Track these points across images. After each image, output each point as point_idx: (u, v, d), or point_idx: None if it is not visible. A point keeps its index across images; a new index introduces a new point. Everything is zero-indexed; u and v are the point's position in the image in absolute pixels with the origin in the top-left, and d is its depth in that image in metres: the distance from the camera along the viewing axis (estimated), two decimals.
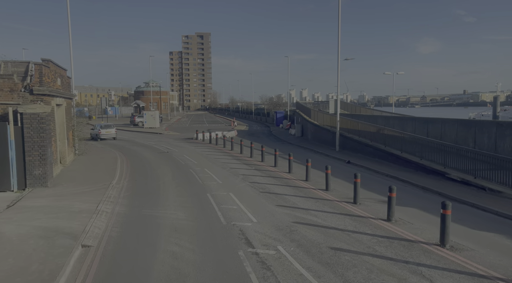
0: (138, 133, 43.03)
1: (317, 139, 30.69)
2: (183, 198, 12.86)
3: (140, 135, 40.84)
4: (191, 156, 23.24)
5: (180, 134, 41.73)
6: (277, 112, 57.15)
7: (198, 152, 25.38)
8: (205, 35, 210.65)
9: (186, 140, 34.00)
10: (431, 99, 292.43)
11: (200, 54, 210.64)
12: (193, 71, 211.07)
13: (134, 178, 16.48)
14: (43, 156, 13.63)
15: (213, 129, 48.50)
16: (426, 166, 16.04)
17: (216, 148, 28.25)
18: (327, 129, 28.18)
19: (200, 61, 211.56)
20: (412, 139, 17.61)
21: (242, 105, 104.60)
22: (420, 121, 21.72)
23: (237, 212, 11.04)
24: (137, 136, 39.54)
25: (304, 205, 11.76)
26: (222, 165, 19.90)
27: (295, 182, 15.35)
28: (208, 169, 18.62)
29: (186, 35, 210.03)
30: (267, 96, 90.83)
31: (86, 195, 13.02)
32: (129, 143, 31.92)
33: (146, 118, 50.16)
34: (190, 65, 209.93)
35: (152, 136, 39.41)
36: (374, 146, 20.97)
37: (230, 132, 39.18)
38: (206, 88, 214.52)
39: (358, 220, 10.20)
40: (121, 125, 55.96)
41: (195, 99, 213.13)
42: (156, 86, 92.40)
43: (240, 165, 20.12)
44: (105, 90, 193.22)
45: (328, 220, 10.23)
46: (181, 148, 27.84)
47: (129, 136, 39.43)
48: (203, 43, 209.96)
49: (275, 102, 79.97)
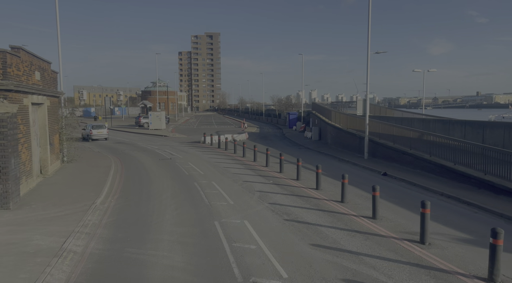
0: (142, 136, 40.03)
1: (339, 144, 27.28)
2: (182, 228, 9.62)
3: (143, 137, 37.83)
4: (197, 164, 20.05)
5: (187, 137, 38.62)
6: (289, 114, 53.78)
7: (205, 159, 22.18)
8: (214, 35, 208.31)
9: (192, 144, 30.86)
10: (443, 100, 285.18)
11: (209, 54, 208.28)
12: (202, 71, 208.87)
13: (125, 195, 13.30)
14: (4, 169, 10.53)
15: (222, 132, 45.35)
16: (495, 183, 12.54)
17: (226, 153, 25.03)
18: (351, 133, 24.74)
19: (209, 61, 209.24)
20: (473, 148, 14.04)
21: (252, 106, 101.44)
22: (472, 126, 18.12)
23: (258, 256, 7.75)
24: (140, 139, 36.53)
25: (351, 244, 8.40)
26: (233, 177, 16.64)
27: (327, 204, 11.99)
28: (217, 182, 15.37)
29: (196, 35, 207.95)
30: (278, 97, 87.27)
31: (56, 222, 9.86)
32: (130, 147, 28.89)
33: (152, 119, 47.18)
34: (199, 66, 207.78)
35: (156, 139, 36.35)
36: (415, 154, 17.49)
37: (240, 135, 35.97)
38: (215, 89, 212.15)
39: (444, 278, 6.79)
40: (126, 126, 53.11)
41: (204, 100, 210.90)
42: (163, 86, 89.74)
43: (254, 176, 16.83)
44: (114, 91, 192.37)
45: (395, 274, 6.87)
46: (186, 154, 24.68)
47: (132, 138, 36.44)
48: (212, 43, 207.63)
49: (285, 103, 76.55)
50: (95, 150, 27.13)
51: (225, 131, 44.42)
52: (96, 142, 32.76)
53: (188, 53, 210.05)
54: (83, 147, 28.71)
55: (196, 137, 36.99)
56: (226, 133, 41.29)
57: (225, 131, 44.42)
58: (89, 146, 29.82)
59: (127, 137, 37.50)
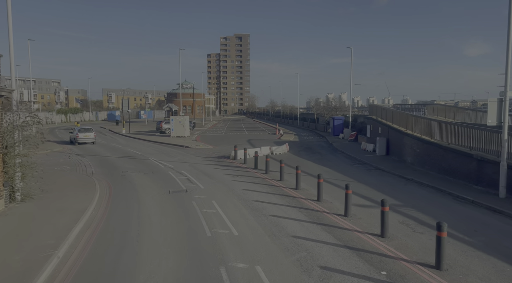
0: (159, 147, 32.90)
1: (431, 165, 18.74)
2: None
3: (160, 149, 30.66)
4: (226, 208, 12.31)
5: (213, 148, 31.09)
6: (334, 119, 45.25)
7: (238, 194, 14.38)
8: (244, 37, 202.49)
9: (220, 161, 23.19)
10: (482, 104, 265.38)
11: (239, 56, 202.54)
12: (230, 74, 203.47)
13: None
14: None
15: (254, 141, 37.54)
16: None
17: (268, 180, 17.13)
18: (460, 152, 16.20)
19: (238, 63, 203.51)
20: None
21: (284, 109, 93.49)
22: None
23: None
24: (155, 150, 29.36)
25: None
26: (297, 251, 8.74)
27: None
28: (265, 269, 7.55)
29: (225, 37, 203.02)
30: (315, 98, 78.57)
31: None
32: (137, 164, 21.65)
33: (173, 124, 40.16)
34: (228, 68, 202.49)
35: (175, 151, 29.03)
36: None
37: (280, 147, 28.07)
38: (243, 92, 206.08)
39: None
40: (146, 133, 46.53)
41: (232, 103, 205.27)
42: (189, 88, 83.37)
43: (339, 250, 8.86)
44: (143, 94, 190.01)
45: None
46: (210, 180, 17.01)
47: (145, 150, 29.32)
48: (241, 44, 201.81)
49: (324, 106, 67.95)
50: (89, 169, 20.07)
51: (258, 140, 36.67)
52: (96, 156, 25.89)
53: (217, 55, 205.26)
54: (77, 162, 21.78)
55: (225, 148, 29.43)
56: (260, 142, 33.52)
57: (258, 140, 36.67)
58: (84, 160, 22.89)
59: (141, 148, 30.49)
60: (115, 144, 34.60)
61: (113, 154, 27.03)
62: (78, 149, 30.02)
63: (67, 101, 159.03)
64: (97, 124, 71.21)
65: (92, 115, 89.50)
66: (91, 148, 30.96)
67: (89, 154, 26.99)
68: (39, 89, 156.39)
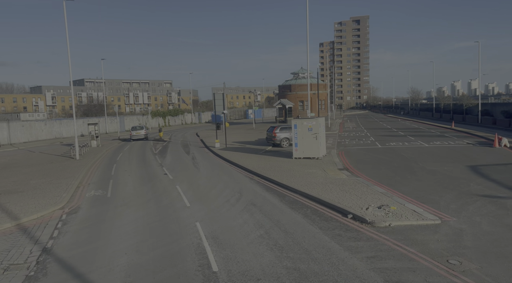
0: (271, 201, 14.44)
1: None
2: None
3: (275, 217, 12.21)
4: None
5: (387, 188, 11.26)
6: None
7: None
8: (362, 19, 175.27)
9: None
10: None
11: (356, 42, 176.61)
12: (346, 63, 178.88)
13: None
14: None
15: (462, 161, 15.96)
16: None
17: None
18: None
19: (356, 50, 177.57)
20: None
21: (442, 100, 67.65)
22: None
23: None
24: (264, 230, 10.99)
25: None
26: None
27: None
28: None
29: (340, 22, 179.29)
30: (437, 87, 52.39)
31: None
32: None
33: (298, 135, 21.69)
34: (343, 57, 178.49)
35: (313, 229, 10.15)
36: None
37: None
38: (362, 82, 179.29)
39: None
40: (250, 144, 29.07)
41: (348, 96, 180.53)
42: (309, 78, 64.82)
43: None
44: (252, 91, 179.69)
45: None
46: None
47: (237, 227, 11.18)
48: (359, 29, 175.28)
49: None
50: None
51: (486, 167, 15.08)
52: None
53: (330, 44, 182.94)
54: None
55: (419, 195, 9.43)
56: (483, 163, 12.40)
57: (486, 167, 15.08)
58: None
59: (227, 224, 12.53)
60: (178, 204, 17.46)
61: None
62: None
63: (179, 103, 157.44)
64: (197, 128, 57.80)
65: (195, 117, 78.01)
66: None
67: None
68: (153, 91, 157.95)
